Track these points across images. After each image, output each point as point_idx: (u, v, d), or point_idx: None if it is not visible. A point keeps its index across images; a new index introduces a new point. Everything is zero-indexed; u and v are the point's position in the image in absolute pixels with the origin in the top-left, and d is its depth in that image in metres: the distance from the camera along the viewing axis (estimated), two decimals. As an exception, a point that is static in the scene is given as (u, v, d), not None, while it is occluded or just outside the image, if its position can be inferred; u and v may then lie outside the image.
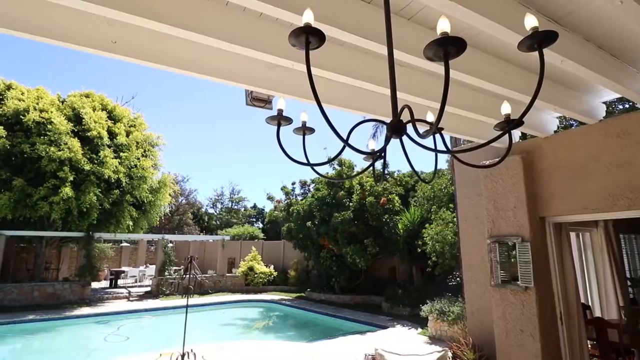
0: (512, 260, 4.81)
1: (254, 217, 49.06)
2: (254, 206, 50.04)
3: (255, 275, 18.37)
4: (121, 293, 16.08)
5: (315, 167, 1.86)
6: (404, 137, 1.71)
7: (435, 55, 1.22)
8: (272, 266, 19.39)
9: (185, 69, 2.89)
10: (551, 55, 2.76)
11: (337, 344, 8.58)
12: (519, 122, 1.57)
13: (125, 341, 10.29)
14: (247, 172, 61.97)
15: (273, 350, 7.96)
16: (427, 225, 11.36)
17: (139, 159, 16.25)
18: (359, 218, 13.84)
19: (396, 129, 1.60)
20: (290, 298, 15.94)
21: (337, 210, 13.97)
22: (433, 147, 1.71)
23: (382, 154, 1.96)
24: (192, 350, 6.14)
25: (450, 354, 4.72)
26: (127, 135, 16.46)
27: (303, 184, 17.23)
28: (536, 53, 1.27)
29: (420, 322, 10.33)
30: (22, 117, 13.51)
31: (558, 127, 5.22)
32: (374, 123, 15.50)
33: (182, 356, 6.02)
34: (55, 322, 11.55)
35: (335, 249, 14.36)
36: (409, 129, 1.58)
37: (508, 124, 1.65)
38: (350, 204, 14.07)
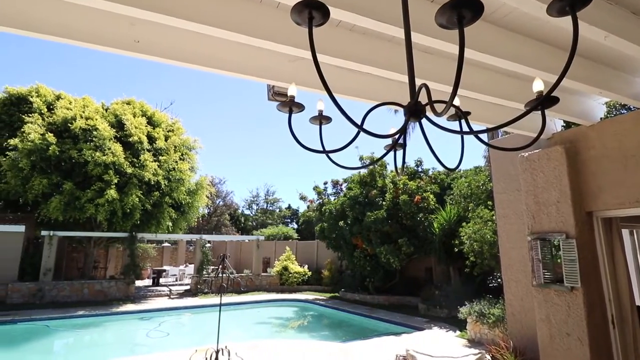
0: (556, 259, 4.47)
1: (288, 217, 49.66)
2: (289, 207, 50.66)
3: (290, 275, 18.51)
4: (162, 291, 16.77)
5: (345, 167, 1.79)
6: (423, 124, 1.60)
7: (449, 22, 1.11)
8: (306, 266, 19.47)
9: (207, 66, 2.91)
10: (593, 31, 2.51)
11: (372, 345, 8.42)
12: (552, 99, 1.41)
13: (166, 337, 10.69)
14: (281, 173, 62.86)
15: (307, 350, 7.94)
16: (464, 224, 10.92)
17: (176, 162, 16.88)
18: (393, 217, 13.56)
19: (414, 111, 1.50)
20: (325, 298, 15.90)
21: (370, 209, 13.76)
22: (456, 136, 1.58)
23: (399, 140, 1.84)
24: (226, 347, 6.24)
25: (488, 357, 4.45)
26: (166, 140, 17.16)
27: (335, 184, 17.16)
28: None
29: (458, 324, 9.94)
30: (70, 125, 14.44)
31: (605, 114, 4.80)
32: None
33: (217, 353, 6.14)
34: (103, 317, 12.23)
35: (368, 249, 14.16)
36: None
37: (540, 102, 1.48)
38: (383, 202, 13.82)
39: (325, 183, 17.27)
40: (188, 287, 17.70)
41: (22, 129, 13.88)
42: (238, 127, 60.01)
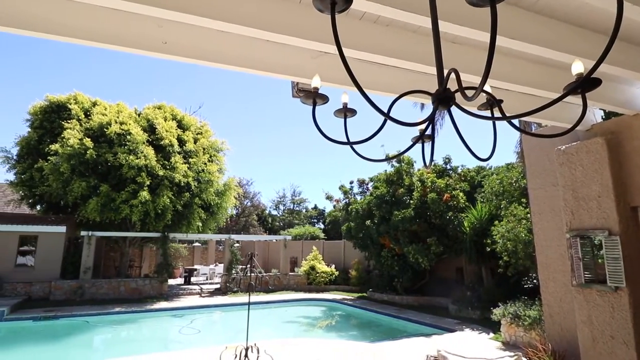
0: (598, 257, 4.21)
1: (315, 217, 49.81)
2: (315, 207, 50.83)
3: (317, 275, 18.53)
4: (194, 289, 17.22)
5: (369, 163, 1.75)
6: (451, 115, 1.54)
7: (481, -2, 1.05)
8: (333, 266, 19.43)
9: (232, 64, 2.94)
10: (636, 11, 2.33)
11: (401, 346, 8.28)
12: (593, 81, 1.31)
13: (197, 334, 10.97)
14: (307, 174, 63.13)
15: (335, 349, 7.91)
16: (496, 222, 10.54)
17: (205, 164, 17.28)
18: (421, 216, 13.29)
19: (443, 98, 1.44)
20: (352, 298, 15.81)
21: (397, 208, 13.56)
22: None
23: (427, 131, 1.78)
24: (255, 344, 6.31)
25: (525, 360, 4.26)
26: (195, 142, 17.61)
27: (361, 183, 17.03)
28: (613, 11, 1.03)
29: (491, 326, 9.61)
30: (106, 130, 15.10)
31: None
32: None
33: (246, 350, 6.22)
34: (138, 314, 12.70)
35: (396, 248, 13.95)
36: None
37: (581, 84, 1.37)
38: (411, 201, 13.58)
39: (351, 182, 17.18)
40: (218, 285, 18.08)
41: (62, 135, 14.65)
42: (263, 129, 60.84)
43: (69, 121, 15.32)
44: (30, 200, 17.31)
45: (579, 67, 1.50)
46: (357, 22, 2.83)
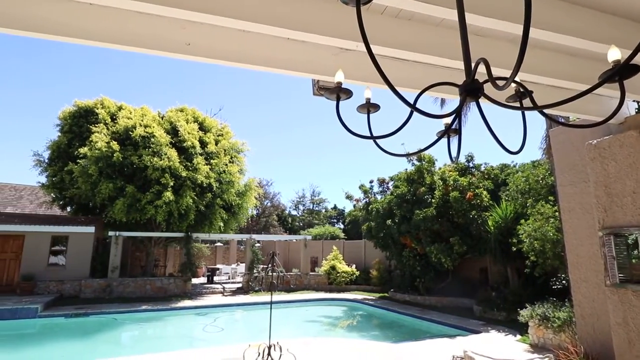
0: (633, 256, 4.02)
1: (334, 217, 49.80)
2: (334, 207, 50.84)
3: (338, 275, 18.50)
4: (216, 288, 17.50)
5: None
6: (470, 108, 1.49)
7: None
8: (353, 265, 19.35)
9: (252, 63, 2.97)
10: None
11: (424, 347, 8.16)
12: (632, 68, 1.24)
13: (221, 332, 11.14)
14: (326, 174, 63.16)
15: (357, 349, 7.87)
16: (522, 221, 10.24)
17: (226, 165, 17.55)
18: (443, 215, 13.06)
19: (471, 89, 1.41)
20: (374, 298, 15.70)
21: (419, 207, 13.37)
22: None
23: (453, 125, 1.73)
24: (277, 343, 6.36)
25: (556, 363, 4.11)
26: (216, 144, 17.90)
27: (381, 182, 16.90)
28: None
29: (518, 328, 9.34)
30: (131, 133, 15.55)
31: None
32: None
33: (269, 348, 6.27)
34: (163, 312, 13.03)
35: (418, 248, 13.76)
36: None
37: (618, 70, 1.30)
38: (432, 200, 13.36)
39: (371, 182, 17.07)
40: (240, 285, 18.31)
41: (90, 139, 15.19)
42: (282, 129, 61.26)
43: (97, 125, 15.87)
44: (61, 202, 18.02)
45: (615, 53, 1.43)
46: (378, 17, 2.80)
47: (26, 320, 11.07)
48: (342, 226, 39.39)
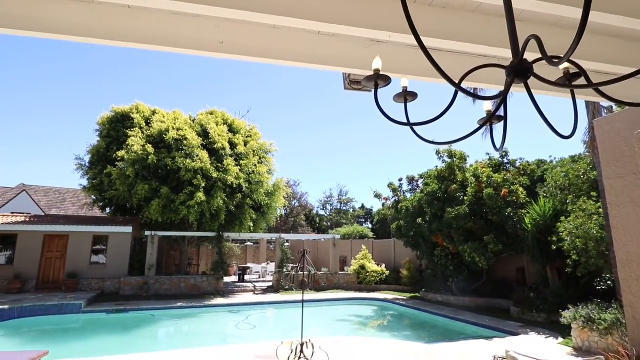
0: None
1: (362, 217, 49.47)
2: (362, 206, 50.52)
3: (367, 274, 18.35)
4: (248, 287, 17.80)
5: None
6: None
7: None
8: (383, 265, 19.13)
9: (283, 59, 2.98)
10: None
11: (460, 348, 7.93)
12: None
13: (253, 329, 11.31)
14: (354, 173, 62.85)
15: (390, 348, 7.75)
16: (562, 218, 9.76)
17: (255, 165, 17.81)
18: (476, 213, 12.66)
19: (519, 70, 1.34)
20: (404, 298, 15.45)
21: (450, 205, 13.02)
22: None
23: (498, 111, 1.65)
24: (309, 341, 6.37)
25: (606, 367, 3.87)
26: (245, 145, 18.22)
27: (411, 180, 16.61)
28: None
29: (560, 330, 8.91)
30: (165, 136, 16.10)
31: None
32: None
33: (301, 345, 6.29)
34: (198, 309, 13.39)
35: (450, 247, 13.41)
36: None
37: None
38: (465, 198, 12.98)
39: (401, 180, 16.81)
40: (270, 283, 18.54)
41: (127, 142, 15.84)
42: (309, 130, 61.50)
43: (132, 129, 16.54)
44: (100, 204, 18.92)
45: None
46: (411, 6, 2.73)
47: (71, 316, 11.70)
48: (370, 226, 39.07)
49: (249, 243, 26.96)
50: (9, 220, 16.31)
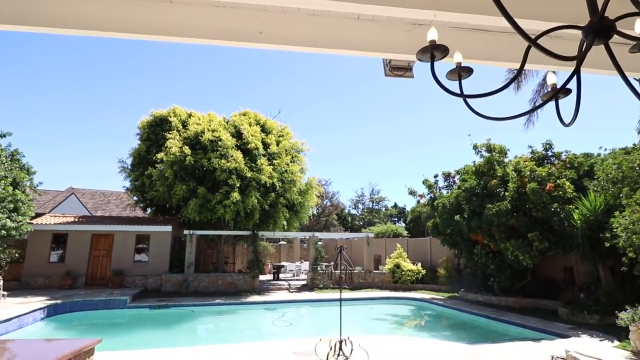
0: None
1: (395, 216, 48.72)
2: (395, 205, 49.76)
3: (403, 273, 18.00)
4: (282, 285, 17.96)
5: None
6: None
7: None
8: (419, 264, 18.70)
9: (325, 47, 2.92)
10: None
11: (506, 349, 7.56)
12: None
13: (289, 326, 11.38)
14: (385, 172, 62.06)
15: (430, 348, 7.52)
16: (616, 213, 9.10)
17: (288, 164, 17.94)
18: (519, 209, 12.07)
19: (600, 29, 1.20)
20: (442, 298, 15.01)
21: (490, 201, 12.49)
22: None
23: (563, 86, 1.49)
24: (348, 338, 6.29)
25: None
26: (277, 144, 18.40)
27: (447, 176, 16.12)
28: None
29: (615, 332, 8.32)
30: (200, 138, 16.56)
31: None
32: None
33: (340, 343, 6.22)
34: (235, 306, 13.66)
35: (491, 245, 12.86)
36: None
37: None
38: (506, 193, 12.40)
39: (436, 176, 16.35)
40: (304, 281, 18.61)
41: (165, 145, 16.43)
42: (339, 129, 61.35)
43: (170, 132, 17.13)
44: (142, 204, 19.77)
45: None
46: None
47: (117, 310, 12.27)
48: (403, 225, 38.41)
49: (282, 242, 27.27)
50: (61, 221, 17.37)
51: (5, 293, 12.00)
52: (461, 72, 1.80)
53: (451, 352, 7.21)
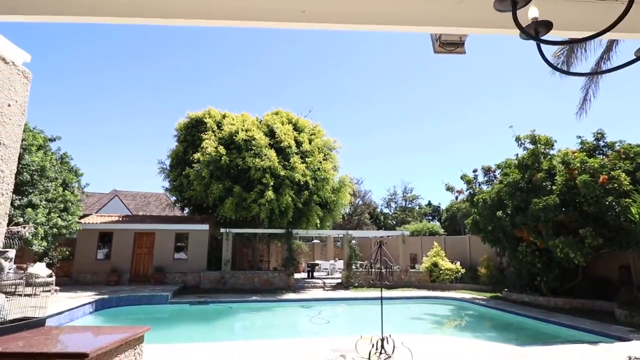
0: None
1: (429, 214, 47.55)
2: (429, 203, 48.56)
3: (441, 272, 17.44)
4: (317, 283, 17.91)
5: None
6: None
7: None
8: (458, 263, 18.05)
9: (372, 23, 2.77)
10: None
11: (560, 352, 7.05)
12: None
13: (326, 324, 11.27)
14: (418, 170, 60.74)
15: (475, 348, 7.16)
16: (682, 205, 8.27)
17: (320, 162, 17.86)
18: (568, 203, 11.30)
19: None
20: (484, 298, 14.37)
21: (536, 195, 11.79)
22: None
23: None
24: (390, 336, 6.08)
25: None
26: (310, 143, 18.37)
27: (486, 171, 15.41)
28: None
29: (686, 337, 7.54)
30: (235, 138, 16.82)
31: None
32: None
33: (382, 340, 6.03)
34: (271, 303, 13.74)
35: (537, 242, 12.14)
36: None
37: None
38: (553, 187, 11.66)
39: (475, 171, 15.69)
40: (339, 280, 18.46)
41: (201, 145, 16.83)
42: (370, 128, 60.69)
43: (206, 133, 17.54)
44: (180, 204, 20.39)
45: None
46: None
47: (159, 306, 12.66)
48: (437, 223, 37.39)
49: (315, 241, 27.25)
50: (106, 220, 18.24)
51: (58, 288, 12.70)
52: (538, 27, 1.60)
53: (499, 353, 6.81)
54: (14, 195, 11.73)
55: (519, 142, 13.49)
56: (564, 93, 51.07)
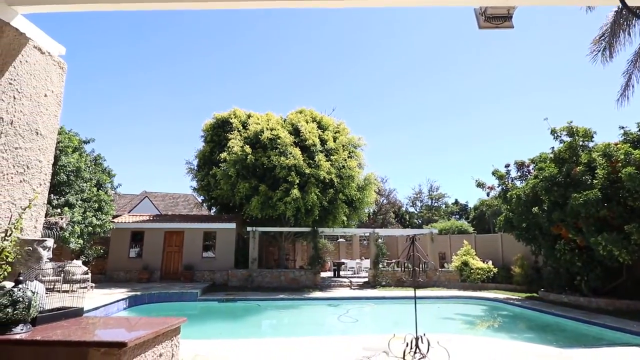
0: None
1: (456, 213, 46.41)
2: (456, 202, 47.42)
3: (472, 271, 16.89)
4: (343, 282, 17.75)
5: None
6: None
7: None
8: (489, 262, 17.43)
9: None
10: None
11: (606, 355, 6.60)
12: None
13: (355, 323, 11.10)
14: (444, 168, 59.41)
15: (515, 350, 6.80)
16: None
17: (345, 160, 17.69)
18: (611, 198, 10.66)
19: None
20: (519, 298, 13.78)
21: (575, 190, 11.18)
22: None
23: None
24: (424, 335, 5.87)
25: None
26: (334, 140, 18.23)
27: (520, 166, 14.79)
28: None
29: None
30: (260, 137, 16.91)
31: None
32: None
33: (416, 339, 5.82)
34: (298, 301, 13.70)
35: (577, 239, 11.51)
36: None
37: None
38: (594, 181, 11.02)
39: (507, 166, 15.09)
40: (366, 279, 18.23)
41: (228, 145, 17.02)
42: (396, 126, 59.88)
43: (232, 133, 17.73)
44: (207, 203, 20.73)
45: None
46: None
47: (189, 303, 12.87)
48: (465, 222, 36.42)
49: (341, 239, 27.07)
50: (138, 219, 18.77)
51: (93, 285, 13.14)
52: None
53: (541, 355, 6.44)
54: (51, 195, 12.23)
55: (555, 135, 12.85)
56: (603, 84, 48.48)
